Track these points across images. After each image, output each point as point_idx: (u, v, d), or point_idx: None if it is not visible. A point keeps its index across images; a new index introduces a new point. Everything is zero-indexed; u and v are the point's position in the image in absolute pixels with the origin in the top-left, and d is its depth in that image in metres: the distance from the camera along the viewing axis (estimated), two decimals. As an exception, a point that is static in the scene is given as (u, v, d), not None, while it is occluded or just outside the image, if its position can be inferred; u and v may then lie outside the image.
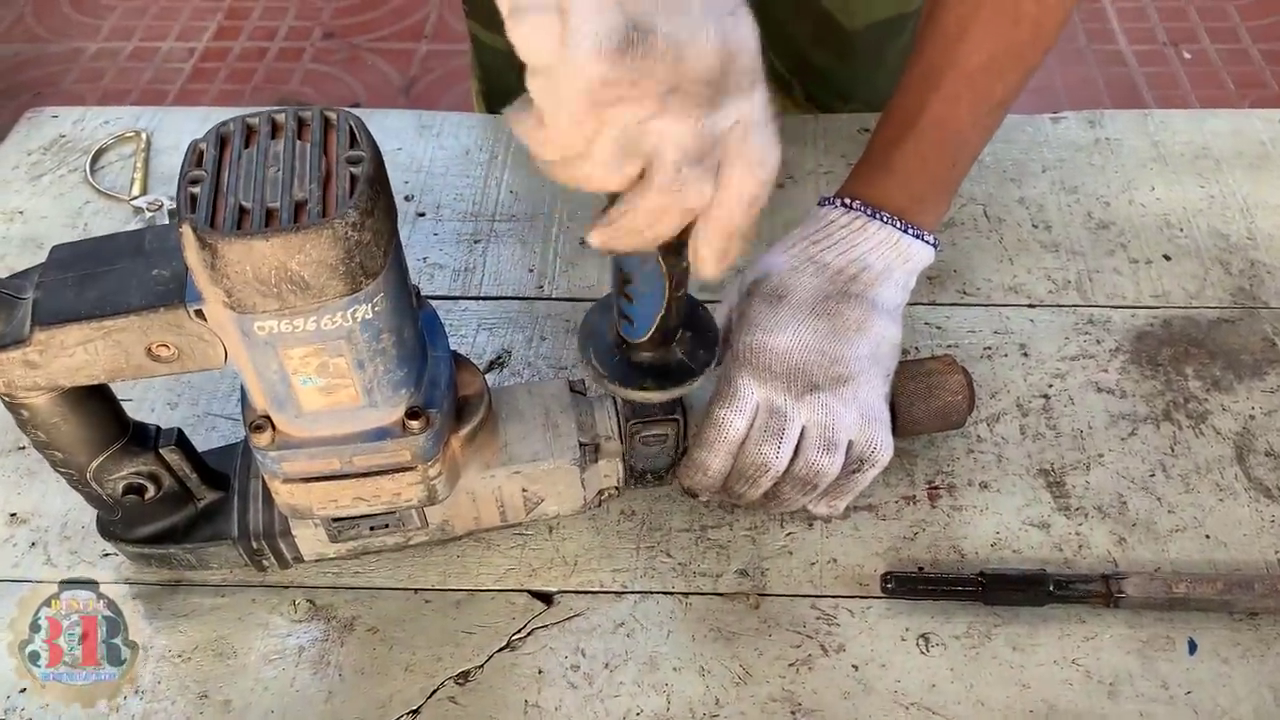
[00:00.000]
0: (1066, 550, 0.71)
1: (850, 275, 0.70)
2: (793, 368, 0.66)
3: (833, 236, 0.71)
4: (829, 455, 0.66)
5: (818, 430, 0.66)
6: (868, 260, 0.70)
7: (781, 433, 0.66)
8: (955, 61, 0.71)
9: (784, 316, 0.68)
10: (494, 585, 0.71)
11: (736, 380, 0.67)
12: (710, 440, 0.67)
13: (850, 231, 0.70)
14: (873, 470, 0.68)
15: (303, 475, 0.62)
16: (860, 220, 0.70)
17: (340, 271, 0.52)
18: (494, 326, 0.87)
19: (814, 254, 0.70)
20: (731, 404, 0.67)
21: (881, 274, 0.70)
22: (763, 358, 0.67)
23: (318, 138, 0.54)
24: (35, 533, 0.75)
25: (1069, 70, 2.36)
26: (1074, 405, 0.79)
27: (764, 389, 0.66)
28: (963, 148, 0.74)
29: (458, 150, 1.02)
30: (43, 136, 1.04)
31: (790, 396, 0.66)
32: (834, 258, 0.70)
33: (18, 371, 0.57)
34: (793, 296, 0.68)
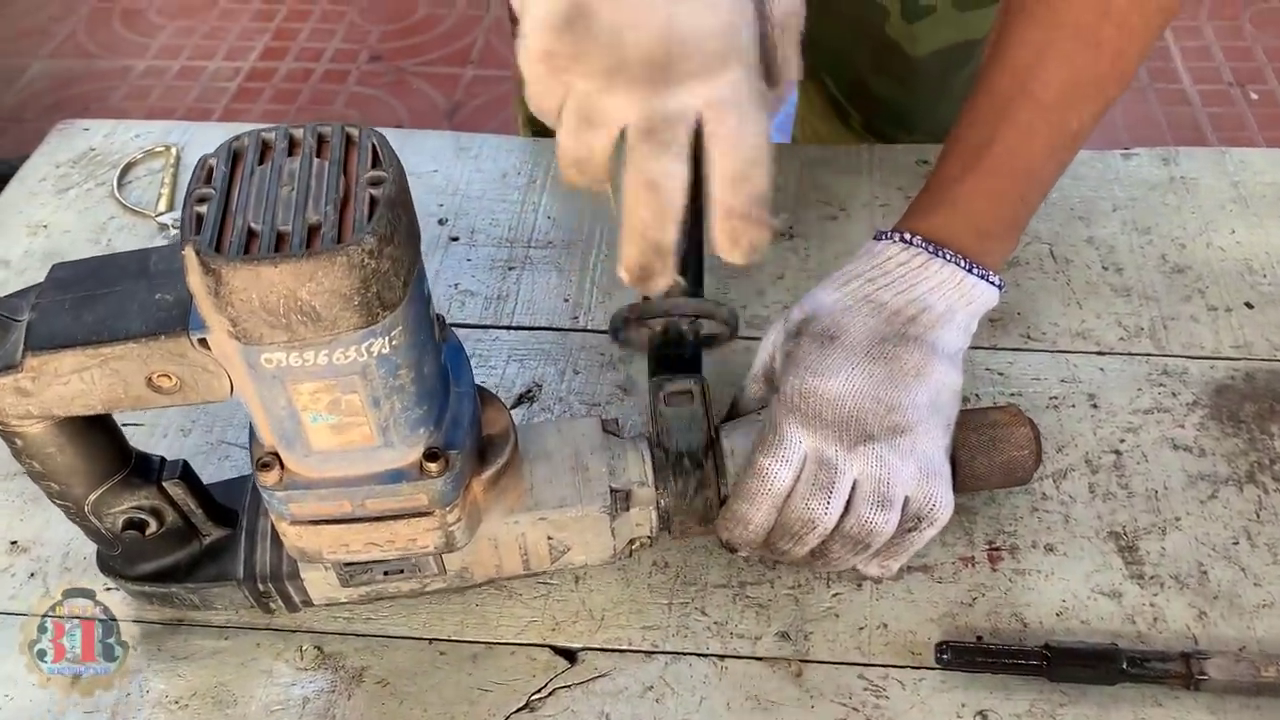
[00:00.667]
0: (1140, 623, 0.65)
1: (909, 316, 0.64)
2: (845, 415, 0.61)
3: (890, 274, 0.65)
4: (883, 512, 0.60)
5: (871, 484, 0.60)
6: (928, 301, 0.65)
7: (831, 486, 0.61)
8: (1029, 91, 0.65)
9: (836, 359, 0.63)
10: (514, 638, 0.66)
11: (783, 427, 0.62)
12: (753, 491, 0.62)
13: (910, 269, 0.65)
14: (930, 530, 0.62)
15: (312, 518, 0.58)
16: (921, 258, 0.65)
17: (355, 303, 0.48)
18: (525, 358, 0.83)
19: (869, 293, 0.65)
20: (777, 453, 0.62)
21: (943, 316, 0.65)
22: (812, 404, 0.62)
23: (337, 156, 0.50)
24: (35, 562, 0.71)
25: (1130, 108, 2.30)
26: (1148, 463, 0.73)
27: (813, 438, 0.61)
28: (1034, 184, 0.69)
29: (495, 173, 0.98)
30: (72, 149, 1.02)
31: (842, 447, 0.61)
32: (891, 297, 0.65)
33: (9, 399, 0.53)
34: (846, 338, 0.63)
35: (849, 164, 0.95)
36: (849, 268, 0.67)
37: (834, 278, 0.67)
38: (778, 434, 0.62)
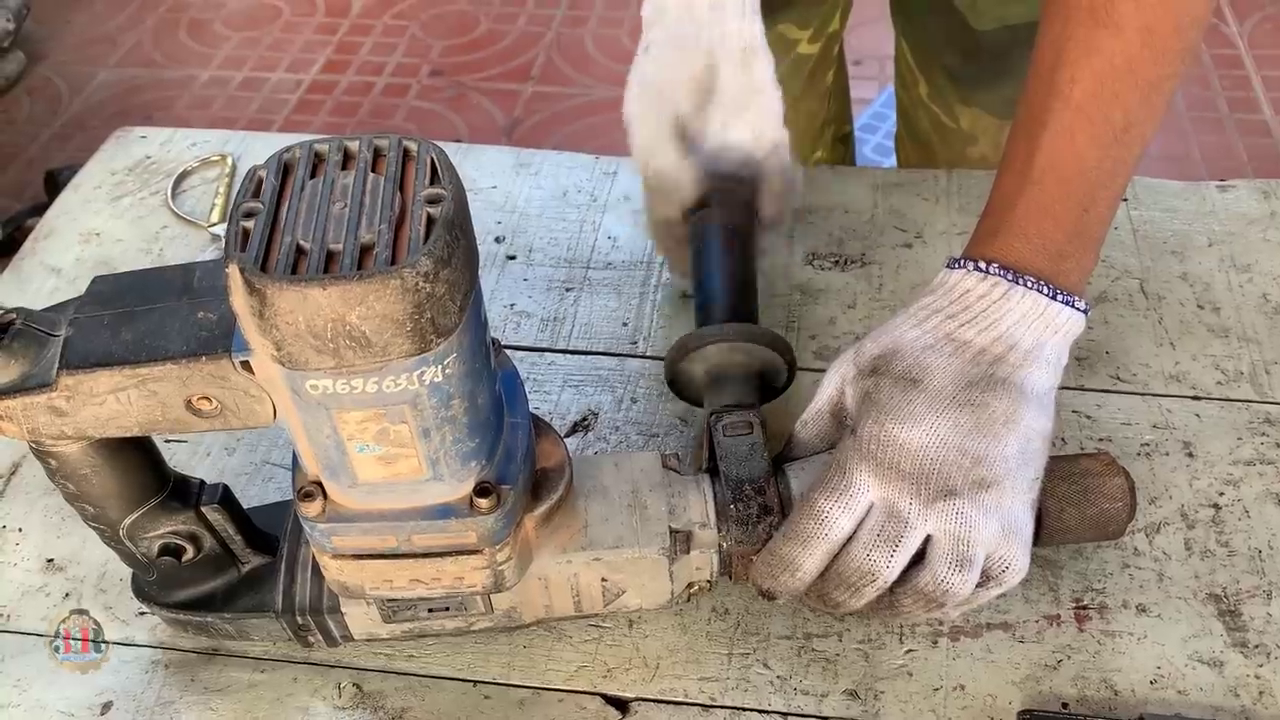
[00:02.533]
0: (1245, 696, 0.60)
1: (995, 356, 0.59)
2: (926, 469, 0.57)
3: (971, 309, 0.60)
4: (962, 572, 0.56)
5: (950, 543, 0.56)
6: (1015, 336, 0.60)
7: (898, 541, 0.56)
8: (1058, 91, 0.60)
9: (920, 407, 0.58)
10: (563, 684, 0.63)
11: (852, 472, 0.58)
12: (806, 534, 0.57)
13: (990, 302, 0.60)
14: (996, 590, 0.58)
15: (355, 552, 0.55)
16: (1001, 288, 0.60)
17: (407, 329, 0.44)
18: (581, 384, 0.79)
19: (951, 330, 0.60)
20: (839, 497, 0.57)
21: (1030, 352, 0.60)
22: (890, 453, 0.57)
23: (394, 171, 0.47)
24: (71, 583, 0.69)
25: (1207, 138, 2.22)
26: (1250, 519, 0.68)
27: (884, 488, 0.57)
28: (1093, 188, 0.62)
29: (555, 191, 0.95)
30: (129, 156, 1.00)
31: (918, 502, 0.56)
32: (975, 335, 0.60)
33: (42, 419, 0.50)
34: (930, 382, 0.59)
35: (926, 189, 0.91)
36: (926, 301, 0.62)
37: (910, 312, 0.63)
38: (845, 479, 0.58)
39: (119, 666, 0.65)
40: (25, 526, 0.72)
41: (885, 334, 0.62)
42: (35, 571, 0.70)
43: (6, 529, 0.72)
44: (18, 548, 0.71)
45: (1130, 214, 0.88)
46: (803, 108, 1.15)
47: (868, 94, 2.28)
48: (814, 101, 1.16)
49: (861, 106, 2.26)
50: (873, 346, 0.62)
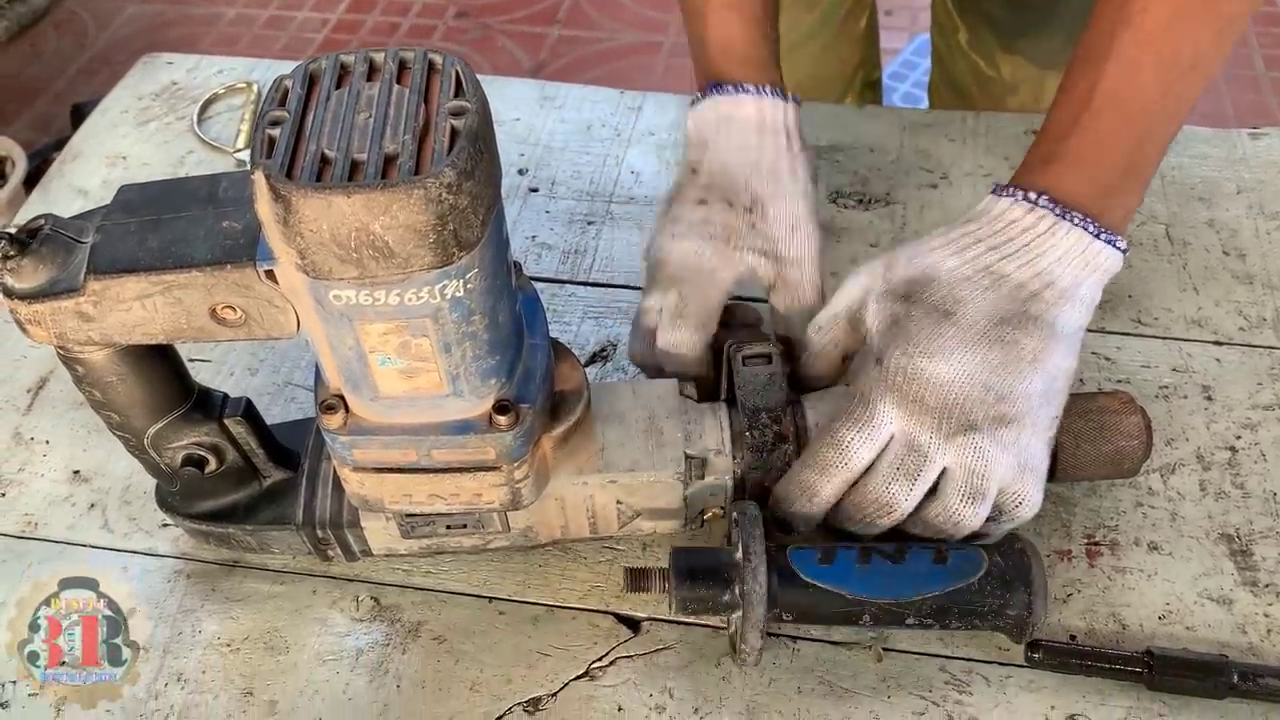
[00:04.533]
0: (1252, 634, 0.60)
1: (1032, 292, 0.59)
2: (950, 403, 0.56)
3: (1014, 242, 0.60)
4: (973, 506, 0.56)
5: (965, 476, 0.56)
6: (1054, 274, 0.59)
7: (917, 474, 0.56)
8: (1129, 19, 0.59)
9: (950, 340, 0.57)
10: (577, 603, 0.64)
11: (876, 403, 0.57)
12: (827, 463, 0.58)
13: (1035, 236, 0.59)
14: (1007, 525, 0.58)
15: (375, 465, 0.56)
16: (1047, 221, 0.59)
17: (430, 240, 0.44)
18: (601, 316, 0.80)
19: (991, 263, 0.60)
20: (862, 428, 0.57)
21: (1067, 291, 0.59)
22: (916, 387, 0.57)
23: (418, 83, 0.47)
24: (96, 494, 0.70)
25: (1240, 96, 2.18)
26: (1266, 463, 0.68)
27: (907, 421, 0.57)
28: (1151, 125, 0.61)
29: (579, 124, 0.94)
30: (155, 82, 1.01)
31: (939, 436, 0.56)
32: (1014, 269, 0.59)
33: (70, 323, 0.51)
34: (963, 315, 0.58)
35: (953, 130, 0.90)
36: (968, 229, 0.61)
37: (951, 239, 0.61)
38: (868, 409, 0.58)
39: (142, 575, 0.66)
40: (52, 439, 0.73)
41: (921, 257, 0.61)
42: (62, 482, 0.71)
43: (34, 441, 0.74)
44: (45, 459, 0.72)
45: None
46: (835, 53, 1.14)
47: (897, 44, 2.25)
48: (846, 47, 1.15)
49: (890, 56, 2.23)
50: (906, 269, 0.61)
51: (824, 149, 0.89)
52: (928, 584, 0.56)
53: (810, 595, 0.57)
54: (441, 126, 0.45)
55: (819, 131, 0.90)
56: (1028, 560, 0.57)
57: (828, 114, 0.94)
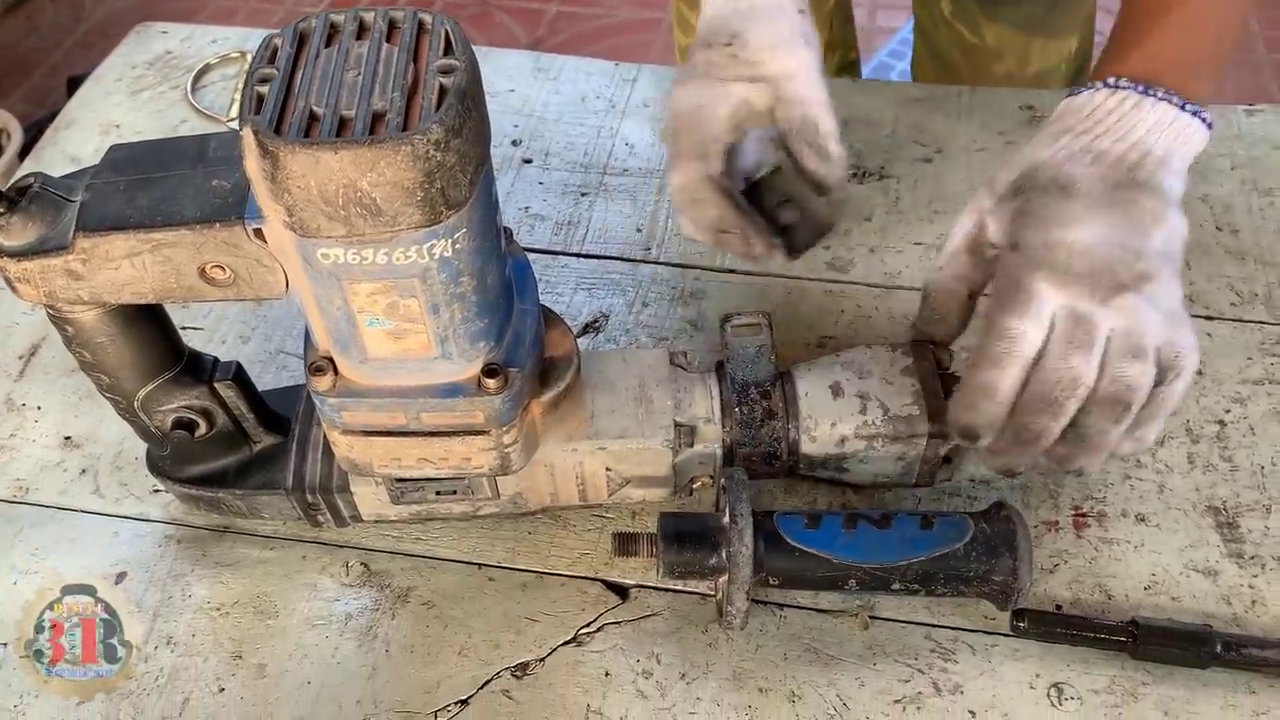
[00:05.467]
0: (1237, 605, 0.60)
1: (1132, 163, 0.59)
2: (1097, 267, 0.56)
3: (1103, 122, 0.59)
4: (1139, 363, 0.55)
5: (1124, 336, 0.55)
6: (1148, 144, 0.59)
7: (1091, 342, 0.55)
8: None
9: (1079, 209, 0.57)
10: (565, 570, 0.64)
11: (1031, 284, 0.56)
12: (998, 355, 0.55)
13: (1123, 113, 0.59)
14: (1180, 382, 0.56)
15: (364, 428, 0.56)
16: (1132, 99, 0.59)
17: (418, 198, 0.44)
18: (593, 287, 0.79)
19: (1086, 144, 0.59)
20: (1025, 311, 0.55)
21: (1164, 160, 0.59)
22: (1062, 256, 0.56)
23: (408, 41, 0.47)
24: (87, 459, 0.70)
25: (1241, 79, 2.17)
26: (1254, 436, 0.68)
27: (1063, 292, 0.56)
28: (1227, 16, 0.63)
29: (574, 96, 0.94)
30: (149, 51, 1.00)
31: (1094, 300, 0.55)
32: (1110, 144, 0.59)
33: (60, 281, 0.51)
34: (1080, 188, 0.58)
35: (949, 105, 0.90)
36: (1053, 129, 0.61)
37: (1038, 140, 0.61)
38: (1025, 291, 0.56)
39: (133, 540, 0.66)
40: (44, 405, 0.74)
41: (1016, 163, 0.61)
42: (53, 448, 0.71)
43: (26, 407, 0.74)
44: (36, 425, 0.72)
45: (1154, 135, 0.87)
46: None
47: (895, 22, 2.24)
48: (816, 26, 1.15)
49: (887, 36, 2.22)
50: (1006, 175, 0.61)
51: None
52: (913, 549, 0.57)
53: (796, 559, 0.57)
54: (430, 84, 0.45)
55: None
56: (1013, 527, 0.57)
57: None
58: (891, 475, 0.64)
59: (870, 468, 0.63)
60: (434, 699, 0.59)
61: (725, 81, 0.65)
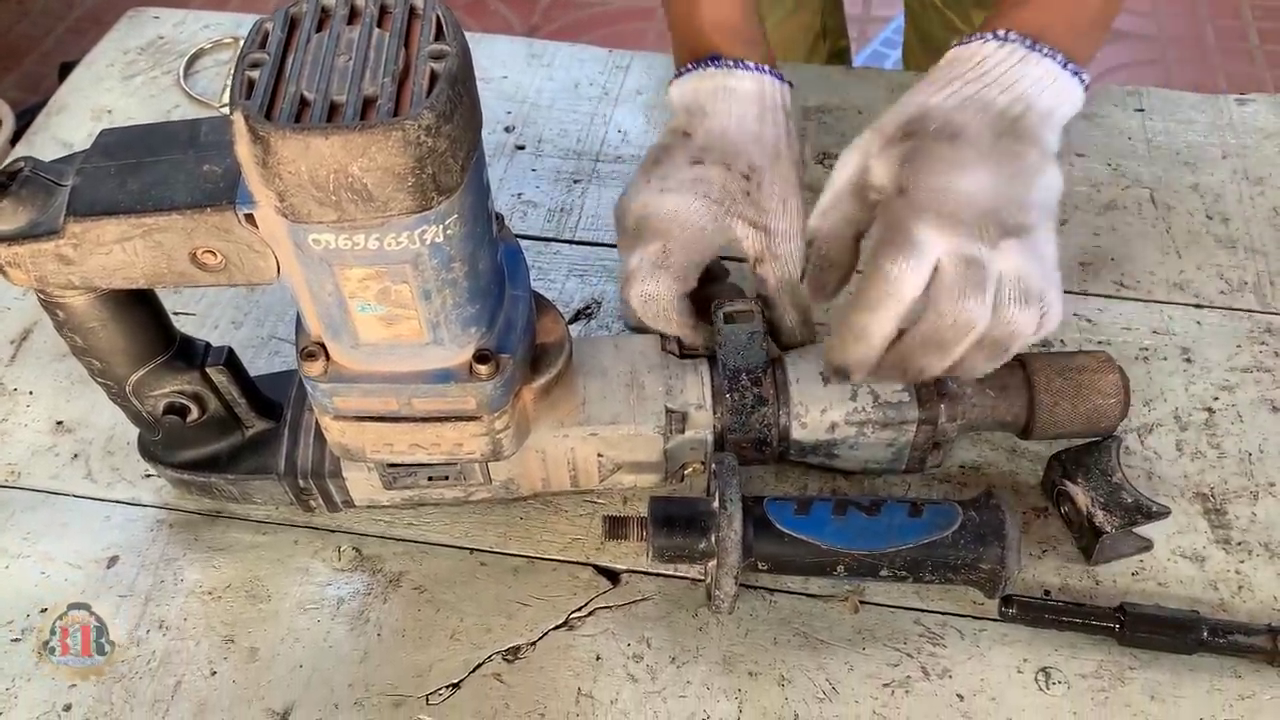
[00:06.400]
0: (1223, 590, 0.61)
1: (1015, 115, 0.59)
2: (985, 213, 0.56)
3: (990, 73, 0.60)
4: (1027, 310, 0.55)
5: (1014, 282, 0.55)
6: (1031, 99, 0.60)
7: (983, 285, 0.55)
8: None
9: (969, 155, 0.57)
10: (557, 555, 0.64)
11: (914, 229, 0.55)
12: (875, 299, 0.55)
13: (1010, 66, 0.60)
14: (1037, 336, 0.57)
15: (356, 413, 0.56)
16: (1020, 52, 0.60)
17: (409, 183, 0.45)
18: (585, 274, 0.80)
19: (974, 92, 0.60)
20: (907, 257, 0.55)
21: (1045, 115, 0.60)
22: (950, 203, 0.56)
23: (399, 27, 0.47)
24: (80, 444, 0.70)
25: (1235, 69, 2.18)
26: (1243, 423, 0.68)
27: (950, 239, 0.55)
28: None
29: (567, 83, 0.94)
30: (141, 36, 1.00)
31: (987, 245, 0.55)
32: (996, 95, 0.59)
33: (50, 266, 0.51)
34: (968, 135, 0.58)
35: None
36: (941, 73, 0.61)
37: (926, 83, 0.61)
38: (907, 236, 0.55)
39: (125, 524, 0.66)
40: (36, 389, 0.74)
41: (904, 107, 0.61)
42: (45, 432, 0.71)
43: (18, 391, 0.74)
44: (28, 409, 0.73)
45: (1145, 123, 0.87)
46: (796, 20, 1.14)
47: (889, 11, 2.24)
48: (807, 14, 1.15)
49: (882, 25, 2.22)
50: (893, 118, 0.61)
51: (812, 110, 0.89)
52: (902, 536, 0.57)
53: (786, 545, 0.57)
54: (421, 70, 0.45)
55: (807, 93, 0.90)
56: (1002, 516, 0.58)
57: (817, 75, 0.94)
58: (881, 461, 0.64)
59: (860, 454, 0.63)
60: (425, 682, 0.59)
61: (731, 216, 0.66)
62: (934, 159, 0.57)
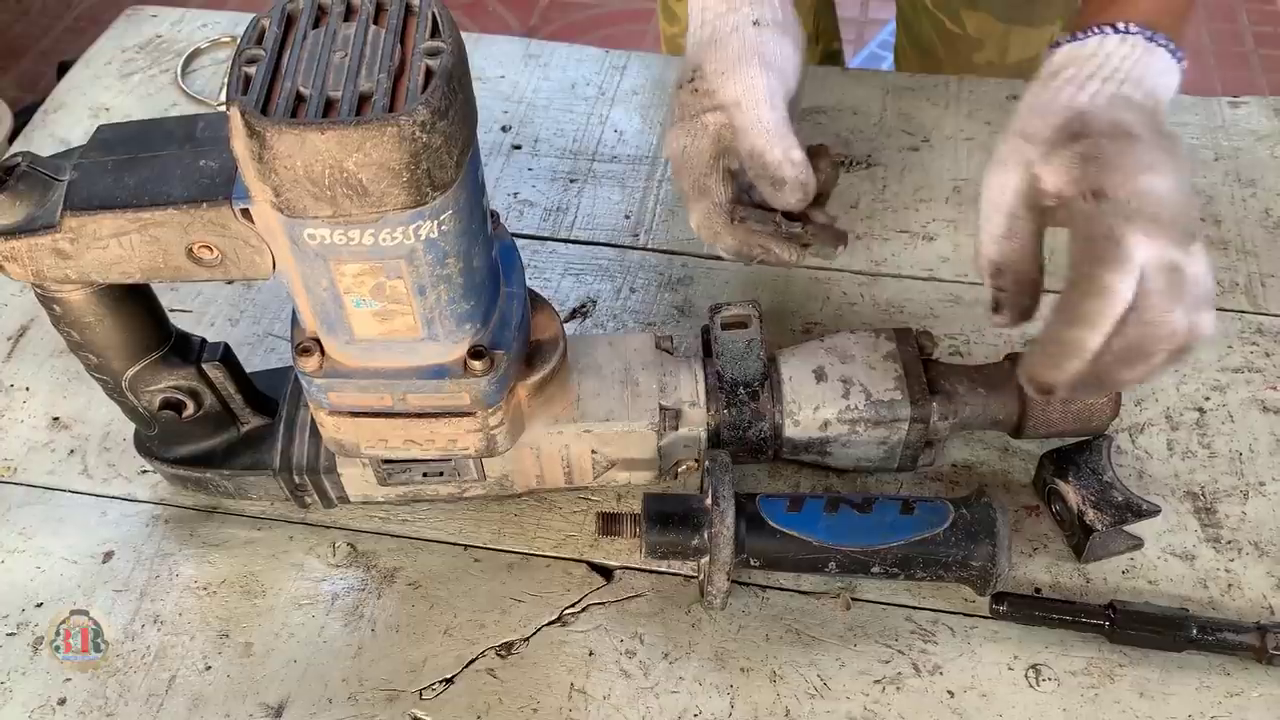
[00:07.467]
0: (1213, 588, 0.61)
1: (1151, 110, 0.58)
2: (1177, 214, 0.53)
3: (1122, 70, 0.58)
4: (1209, 312, 0.54)
5: (1197, 284, 0.53)
6: (1159, 94, 0.58)
7: (1184, 293, 0.52)
8: None
9: (1157, 155, 0.54)
10: (551, 551, 0.64)
11: (1125, 235, 0.52)
12: (1092, 314, 0.52)
13: (1135, 60, 0.58)
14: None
15: (351, 409, 0.56)
16: (1141, 46, 0.58)
17: (404, 179, 0.45)
18: (581, 273, 0.80)
19: (1115, 90, 0.58)
20: (1120, 265, 0.52)
21: (1165, 106, 0.59)
22: (1152, 204, 0.53)
23: (395, 24, 0.48)
24: (76, 440, 0.71)
25: (1230, 73, 2.18)
26: (1233, 423, 0.68)
27: (1154, 244, 0.52)
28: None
29: (564, 83, 0.94)
30: (139, 35, 1.00)
31: (1181, 250, 0.53)
32: (1133, 91, 0.58)
33: (47, 260, 0.51)
34: (1141, 133, 0.55)
35: (937, 94, 0.90)
36: (1069, 73, 0.58)
37: (1064, 83, 0.58)
38: (1116, 244, 0.52)
39: (120, 520, 0.66)
40: (33, 386, 0.74)
41: (1049, 107, 0.58)
42: (41, 428, 0.71)
43: (14, 388, 0.74)
44: (25, 405, 0.73)
45: (1139, 125, 0.88)
46: None
47: (886, 14, 2.24)
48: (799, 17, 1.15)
49: (878, 26, 2.23)
50: (1040, 122, 0.57)
51: (807, 111, 0.89)
52: (894, 534, 0.57)
53: (778, 542, 0.58)
54: (417, 66, 0.46)
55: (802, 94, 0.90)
56: (993, 514, 0.58)
57: (811, 76, 0.94)
58: (874, 460, 0.65)
59: (853, 452, 0.64)
60: (419, 677, 0.59)
61: (695, 117, 0.64)
62: (1126, 160, 0.54)
